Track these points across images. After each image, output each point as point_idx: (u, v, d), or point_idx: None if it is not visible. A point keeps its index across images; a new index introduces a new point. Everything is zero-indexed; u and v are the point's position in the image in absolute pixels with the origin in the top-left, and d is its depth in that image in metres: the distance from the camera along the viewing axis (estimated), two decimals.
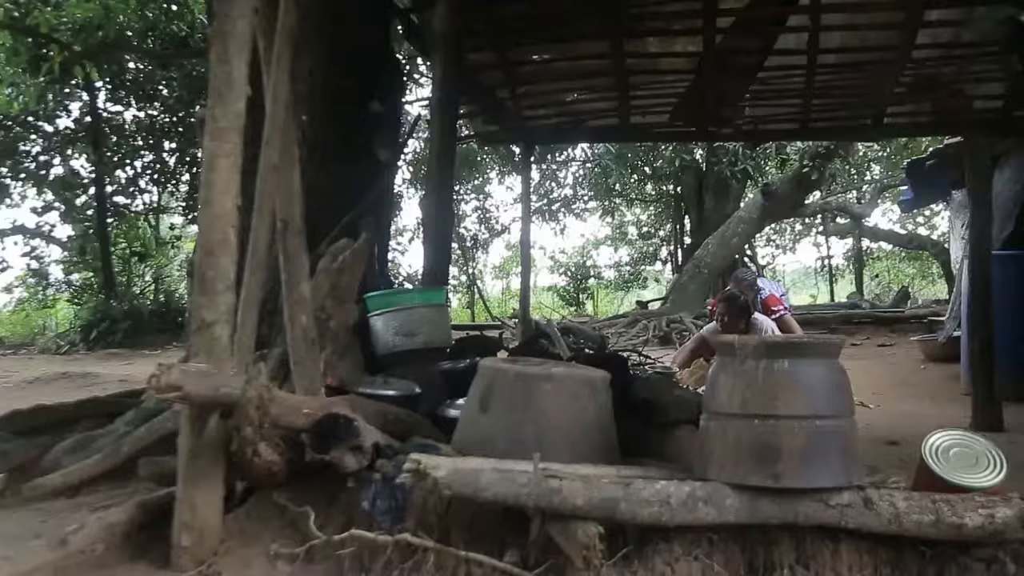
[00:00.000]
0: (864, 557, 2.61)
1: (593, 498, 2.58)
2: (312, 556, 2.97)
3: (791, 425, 2.55)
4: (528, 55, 6.71)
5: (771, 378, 2.59)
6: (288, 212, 3.79)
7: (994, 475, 2.68)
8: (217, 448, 3.07)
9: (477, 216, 21.03)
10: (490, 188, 20.35)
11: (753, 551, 2.65)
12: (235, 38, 3.17)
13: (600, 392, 3.06)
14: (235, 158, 3.16)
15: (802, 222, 23.69)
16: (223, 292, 3.12)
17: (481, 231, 21.30)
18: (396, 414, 3.67)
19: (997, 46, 5.87)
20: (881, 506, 2.56)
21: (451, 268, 22.33)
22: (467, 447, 3.06)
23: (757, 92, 6.88)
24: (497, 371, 3.07)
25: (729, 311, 6.52)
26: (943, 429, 2.85)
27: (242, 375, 2.96)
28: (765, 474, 2.54)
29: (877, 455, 4.88)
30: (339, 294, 4.06)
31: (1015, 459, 3.50)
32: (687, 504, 2.57)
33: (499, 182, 20.28)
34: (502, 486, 2.65)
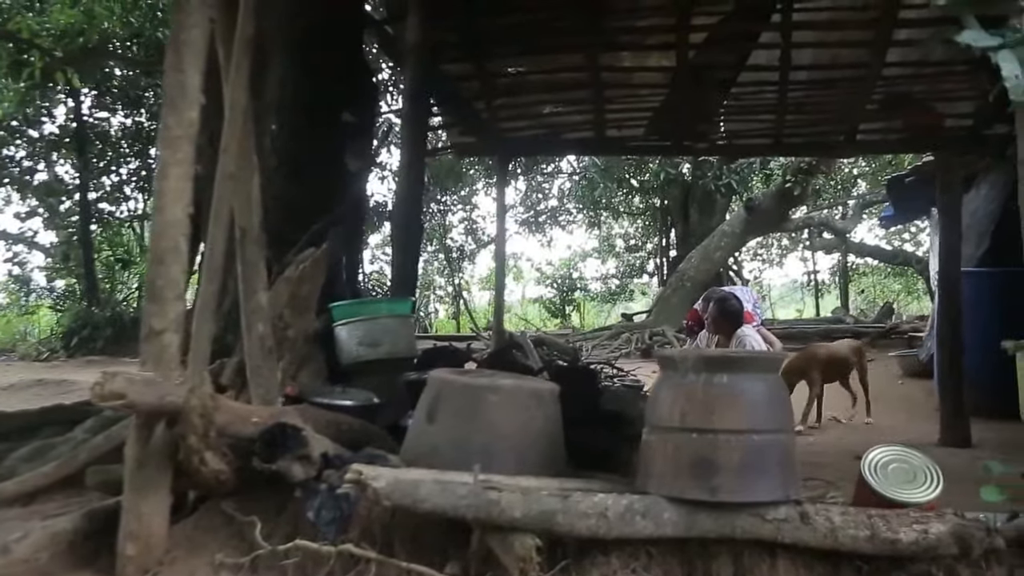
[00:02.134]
0: (801, 572, 2.62)
1: (531, 510, 2.59)
2: (257, 566, 2.96)
3: (728, 439, 2.56)
4: (504, 67, 6.74)
5: (710, 392, 2.60)
6: (246, 220, 3.79)
7: (930, 490, 2.69)
8: (163, 457, 3.05)
9: (464, 227, 21.04)
10: (476, 199, 20.36)
11: (692, 565, 2.65)
12: (190, 47, 3.17)
13: (548, 404, 3.06)
14: (187, 167, 3.16)
15: (788, 237, 23.77)
16: (173, 300, 3.12)
17: (468, 242, 21.31)
18: (350, 424, 3.66)
19: (966, 65, 5.92)
20: (817, 521, 2.57)
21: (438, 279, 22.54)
22: (415, 458, 3.06)
23: (731, 107, 6.92)
24: (445, 382, 3.08)
25: (721, 312, 6.49)
26: (883, 444, 2.86)
27: (188, 383, 2.95)
28: (702, 488, 2.55)
29: (841, 469, 4.89)
30: (298, 303, 4.06)
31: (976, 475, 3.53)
32: (624, 517, 2.57)
33: (485, 193, 20.31)
34: (441, 497, 2.65)
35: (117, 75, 14.19)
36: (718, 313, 6.48)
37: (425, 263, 22.72)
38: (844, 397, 9.08)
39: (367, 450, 3.37)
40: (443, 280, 22.56)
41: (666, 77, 6.63)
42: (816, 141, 7.42)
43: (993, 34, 2.54)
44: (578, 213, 21.31)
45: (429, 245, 22.04)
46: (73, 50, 9.50)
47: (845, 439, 6.76)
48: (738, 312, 6.61)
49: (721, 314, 6.47)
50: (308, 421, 3.46)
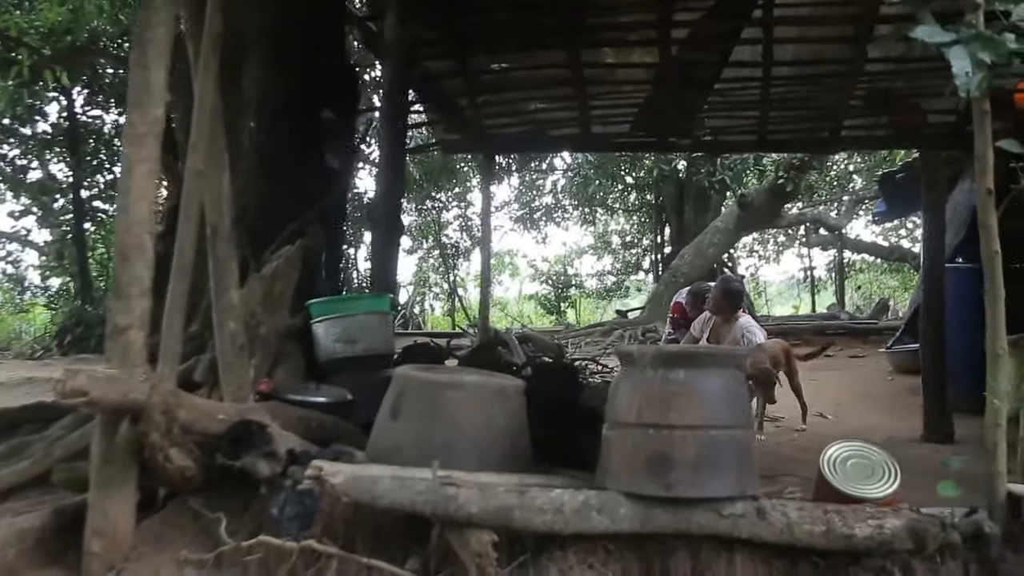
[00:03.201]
0: (759, 567, 2.63)
1: (488, 506, 2.60)
2: (221, 562, 2.97)
3: (684, 435, 2.56)
4: (487, 64, 6.73)
5: (667, 388, 2.61)
6: (217, 218, 3.79)
7: (887, 486, 2.70)
8: (128, 454, 3.06)
9: (459, 224, 21.04)
10: (471, 196, 20.33)
11: (649, 560, 2.66)
12: (155, 44, 3.18)
13: (511, 400, 3.07)
14: (152, 164, 3.17)
15: (785, 233, 23.76)
16: (138, 297, 3.12)
17: (463, 239, 21.31)
18: (320, 421, 3.67)
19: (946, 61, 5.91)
20: (774, 516, 2.58)
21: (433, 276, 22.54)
22: (379, 454, 3.07)
23: (715, 103, 6.91)
24: (408, 379, 3.09)
25: (724, 293, 6.59)
26: (844, 440, 2.86)
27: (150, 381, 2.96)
28: (658, 483, 2.56)
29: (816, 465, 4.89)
30: (271, 301, 4.07)
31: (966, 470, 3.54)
32: (580, 513, 2.58)
33: (480, 190, 20.25)
34: (399, 493, 2.66)
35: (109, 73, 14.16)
36: (720, 294, 6.53)
37: (420, 260, 22.76)
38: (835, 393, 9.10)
39: (335, 446, 3.38)
40: (438, 277, 22.54)
41: (649, 73, 6.63)
42: (801, 137, 7.41)
43: (948, 30, 2.54)
44: (573, 210, 21.29)
45: (424, 242, 22.07)
46: (62, 48, 9.50)
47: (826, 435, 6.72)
48: (740, 294, 6.69)
49: (724, 295, 6.52)
50: (276, 418, 3.47)
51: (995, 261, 2.63)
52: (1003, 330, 2.57)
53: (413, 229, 21.63)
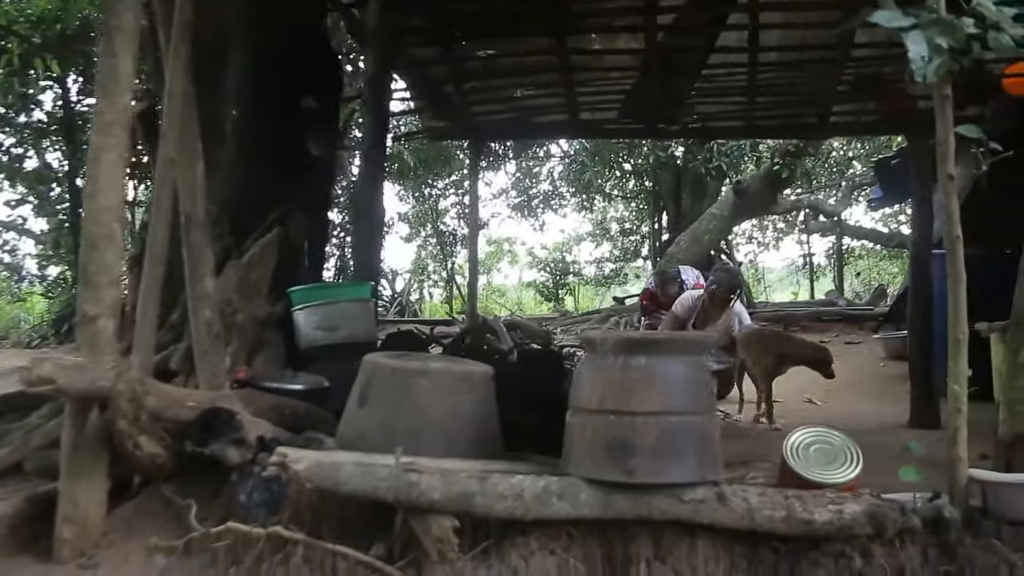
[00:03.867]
0: (720, 552, 2.63)
1: (450, 492, 2.61)
2: (190, 549, 2.98)
3: (645, 421, 2.57)
4: (473, 51, 6.70)
5: (628, 374, 2.61)
6: (190, 207, 3.79)
7: (849, 471, 2.70)
8: (98, 442, 3.08)
9: (456, 211, 21.00)
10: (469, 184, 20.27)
11: (612, 546, 2.67)
12: (122, 32, 3.17)
13: (479, 387, 3.07)
14: (120, 152, 3.17)
15: (784, 220, 23.69)
16: (106, 286, 3.13)
17: (460, 226, 21.27)
18: (294, 408, 3.68)
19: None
20: (735, 502, 2.59)
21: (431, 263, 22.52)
22: (347, 441, 3.09)
23: (703, 89, 6.88)
24: (375, 366, 3.10)
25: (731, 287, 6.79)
26: (808, 426, 2.87)
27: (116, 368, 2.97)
28: (618, 469, 2.57)
29: None
30: (247, 289, 4.07)
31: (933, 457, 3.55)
32: (541, 499, 2.59)
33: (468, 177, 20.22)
34: (362, 480, 2.67)
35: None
36: (729, 285, 6.76)
37: (419, 248, 22.73)
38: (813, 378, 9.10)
39: (307, 433, 3.39)
40: (437, 265, 22.51)
41: (636, 59, 6.60)
42: (789, 123, 7.39)
43: (907, 14, 2.53)
44: (571, 197, 21.24)
45: (422, 230, 22.04)
46: (52, 37, 9.48)
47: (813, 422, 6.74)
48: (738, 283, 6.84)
49: (732, 286, 6.78)
50: (249, 405, 3.49)
51: (956, 246, 2.63)
52: (964, 315, 2.57)
53: (411, 217, 21.63)
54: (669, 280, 7.67)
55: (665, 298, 7.58)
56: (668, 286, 7.66)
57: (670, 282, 7.61)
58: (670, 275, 7.70)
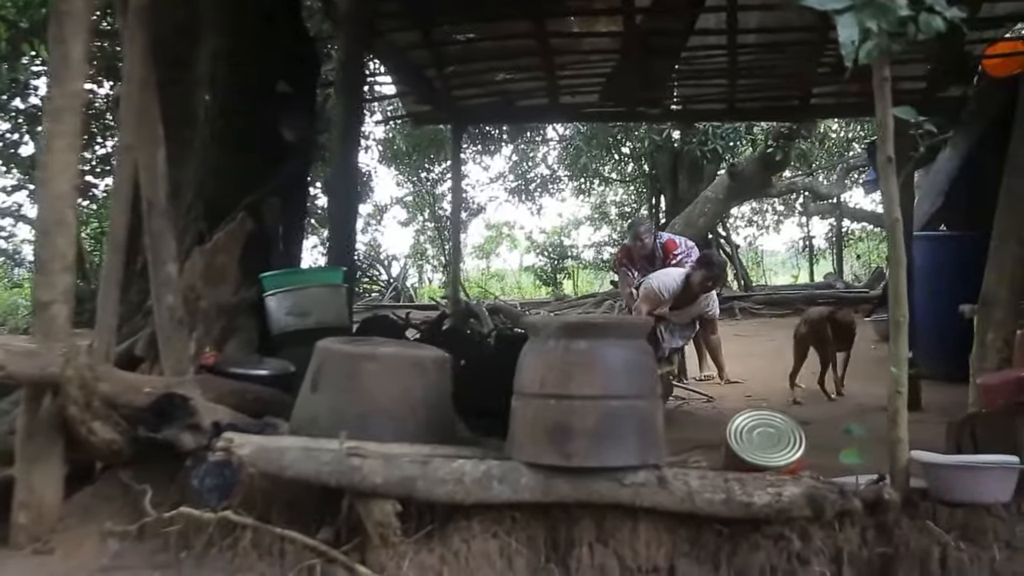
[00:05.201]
0: (663, 535, 2.64)
1: (392, 476, 2.62)
2: (144, 533, 3.01)
3: (584, 405, 2.57)
4: (452, 35, 6.67)
5: (568, 358, 2.61)
6: (152, 193, 3.79)
7: (790, 454, 2.71)
8: (52, 428, 3.10)
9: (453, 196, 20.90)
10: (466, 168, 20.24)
11: (556, 529, 2.68)
12: (72, 18, 3.16)
13: (430, 372, 3.08)
14: (72, 138, 3.18)
15: (783, 203, 23.62)
16: (60, 272, 3.15)
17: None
18: (257, 393, 3.69)
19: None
20: (675, 485, 2.59)
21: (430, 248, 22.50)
22: (300, 425, 3.10)
23: (683, 72, 6.86)
24: (327, 351, 3.10)
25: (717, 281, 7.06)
26: (752, 409, 2.87)
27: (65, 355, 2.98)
28: (558, 453, 2.57)
29: None
30: (212, 275, 4.07)
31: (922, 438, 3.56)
32: (482, 483, 2.60)
33: (474, 162, 20.18)
34: (305, 464, 2.68)
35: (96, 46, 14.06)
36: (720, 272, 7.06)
37: (417, 232, 22.72)
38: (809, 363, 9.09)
39: (266, 419, 3.40)
40: (435, 249, 22.49)
41: (615, 42, 6.56)
42: (770, 106, 7.37)
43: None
44: (568, 181, 21.17)
45: (420, 215, 22.02)
46: (39, 21, 9.42)
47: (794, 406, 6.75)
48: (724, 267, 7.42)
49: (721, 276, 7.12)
50: (208, 391, 3.50)
51: (896, 228, 2.61)
52: (904, 299, 2.57)
53: (408, 202, 21.61)
54: (644, 233, 7.70)
55: (642, 251, 7.61)
56: (643, 239, 7.69)
57: (645, 235, 7.64)
58: (643, 228, 7.75)
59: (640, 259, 7.48)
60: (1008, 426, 2.72)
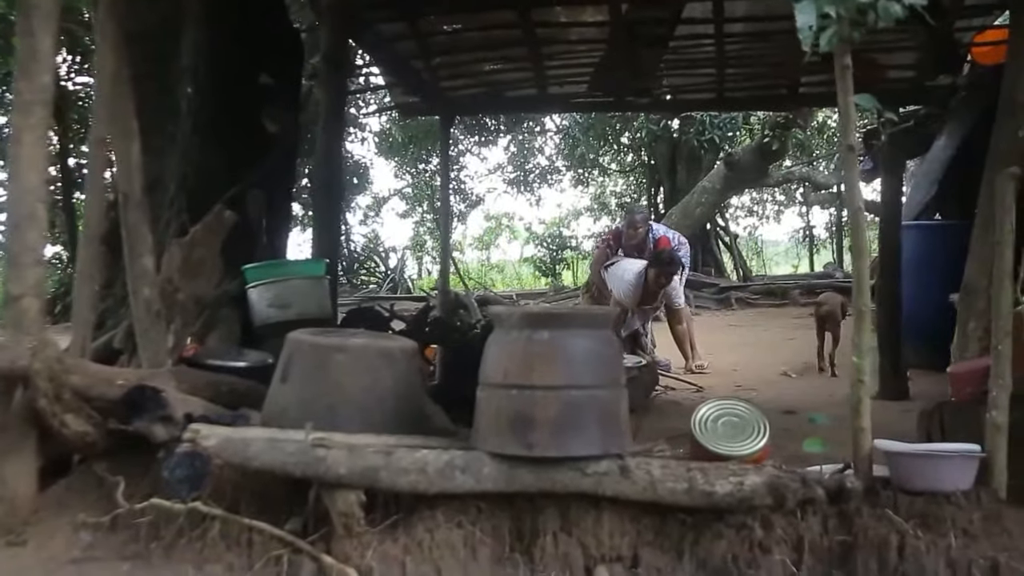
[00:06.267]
0: (627, 524, 2.65)
1: (355, 467, 2.63)
2: (116, 525, 3.02)
3: (546, 395, 2.58)
4: (439, 26, 6.66)
5: (530, 349, 2.62)
6: (127, 185, 3.79)
7: (754, 443, 2.71)
8: (25, 420, 3.10)
9: (452, 188, 20.95)
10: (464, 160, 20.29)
11: (520, 519, 2.69)
12: (40, 10, 3.16)
13: (399, 362, 3.08)
14: (41, 132, 3.19)
15: (783, 192, 23.61)
16: (30, 266, 3.15)
17: (457, 202, 21.25)
18: (232, 385, 3.70)
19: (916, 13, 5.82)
20: (637, 474, 2.60)
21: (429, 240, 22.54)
22: (270, 417, 3.11)
23: (671, 62, 6.84)
24: (296, 342, 3.11)
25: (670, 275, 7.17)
26: (717, 398, 2.88)
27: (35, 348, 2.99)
28: (520, 443, 2.58)
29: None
30: (190, 267, 4.07)
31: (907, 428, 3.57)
32: (444, 473, 2.61)
33: (472, 153, 20.22)
34: (270, 455, 2.70)
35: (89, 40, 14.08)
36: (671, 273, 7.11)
37: (416, 224, 22.76)
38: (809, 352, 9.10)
39: (240, 410, 3.41)
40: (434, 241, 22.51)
41: (602, 32, 6.55)
42: (759, 95, 7.35)
43: None
44: (567, 171, 21.19)
45: (419, 207, 22.05)
46: None
47: (784, 394, 6.76)
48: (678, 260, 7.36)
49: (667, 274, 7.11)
50: (183, 383, 3.51)
51: (859, 217, 2.61)
52: (867, 289, 2.56)
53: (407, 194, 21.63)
54: (639, 223, 7.77)
55: (632, 239, 7.68)
56: (637, 227, 7.75)
57: (640, 224, 7.72)
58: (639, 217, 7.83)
59: (629, 247, 7.53)
60: (975, 414, 2.71)
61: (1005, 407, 2.52)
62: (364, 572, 2.54)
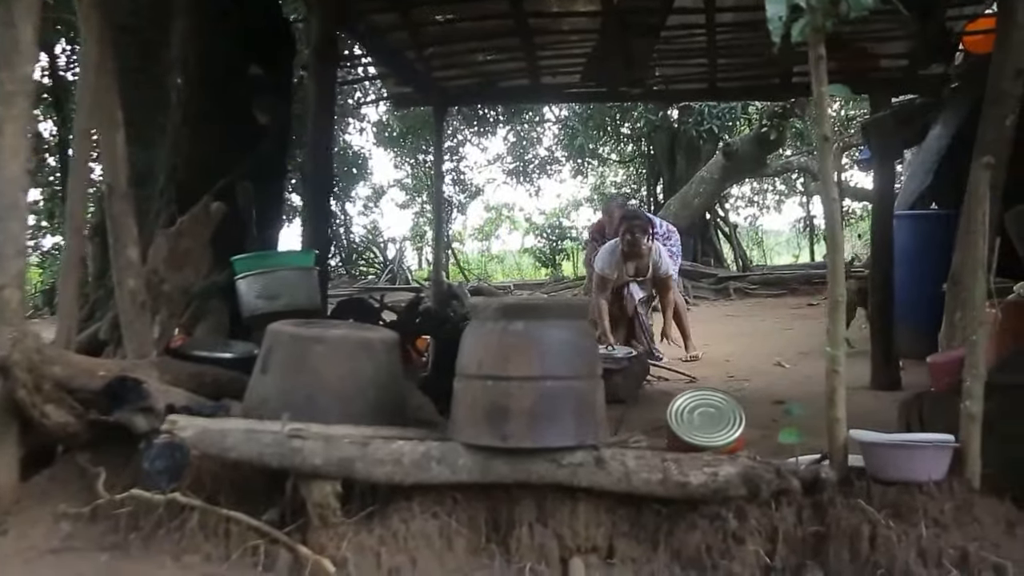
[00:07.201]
0: (602, 515, 2.65)
1: (331, 457, 2.64)
2: (96, 515, 3.03)
3: (521, 386, 2.58)
4: (431, 16, 6.65)
5: (506, 340, 2.62)
6: (112, 176, 3.80)
7: (729, 433, 2.71)
8: (6, 411, 3.12)
9: (451, 178, 20.95)
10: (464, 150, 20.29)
11: (496, 510, 2.70)
12: (21, 1, 3.16)
13: (378, 353, 3.09)
14: (24, 122, 3.18)
15: (783, 182, 23.54)
16: (13, 257, 3.16)
17: (456, 192, 21.24)
18: (216, 376, 3.71)
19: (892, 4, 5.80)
20: (612, 465, 2.60)
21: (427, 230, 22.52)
22: (250, 408, 3.12)
23: (664, 52, 6.82)
24: (276, 333, 3.12)
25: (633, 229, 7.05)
26: (693, 390, 2.88)
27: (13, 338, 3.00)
28: (495, 434, 2.58)
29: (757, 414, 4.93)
30: (176, 258, 4.08)
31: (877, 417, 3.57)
32: (420, 464, 2.62)
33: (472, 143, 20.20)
34: (247, 446, 2.70)
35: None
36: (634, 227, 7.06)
37: (415, 215, 22.74)
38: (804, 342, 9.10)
39: (223, 401, 3.43)
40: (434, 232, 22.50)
41: (595, 22, 6.54)
42: (751, 85, 7.32)
43: None
44: (566, 162, 21.15)
45: (418, 197, 22.04)
46: None
47: (776, 384, 6.77)
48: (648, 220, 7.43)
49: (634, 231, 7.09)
50: (167, 374, 3.53)
51: (834, 207, 2.60)
52: (842, 278, 2.56)
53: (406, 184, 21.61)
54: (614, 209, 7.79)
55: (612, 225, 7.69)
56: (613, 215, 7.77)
57: (615, 210, 7.74)
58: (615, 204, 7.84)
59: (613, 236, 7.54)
60: (953, 404, 2.71)
61: (979, 397, 2.51)
62: (339, 563, 2.55)
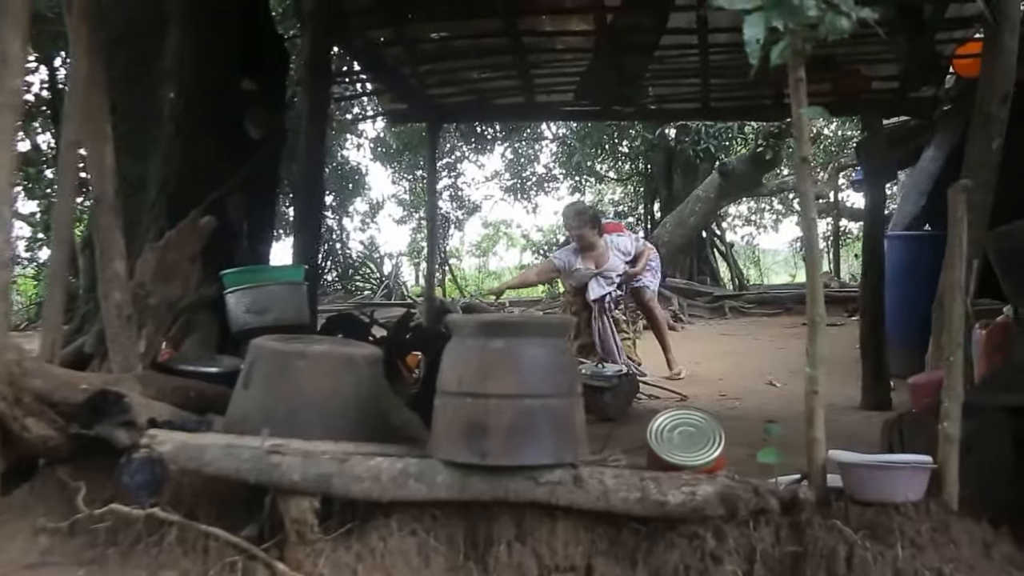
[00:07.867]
0: (581, 534, 2.64)
1: (308, 473, 2.63)
2: (75, 530, 3.02)
3: (499, 403, 2.57)
4: (426, 33, 6.69)
5: (485, 357, 2.62)
6: (100, 189, 3.80)
7: (709, 452, 2.71)
8: None
9: (449, 195, 20.97)
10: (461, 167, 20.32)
11: (474, 528, 2.69)
12: (9, 15, 3.16)
13: (360, 369, 3.09)
14: (10, 135, 3.19)
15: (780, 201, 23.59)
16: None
17: (454, 209, 21.27)
18: (200, 390, 3.70)
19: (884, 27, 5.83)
20: (591, 484, 2.60)
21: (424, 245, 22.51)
22: (232, 423, 3.11)
23: (657, 71, 6.86)
24: (258, 348, 3.11)
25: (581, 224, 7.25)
26: (674, 409, 2.88)
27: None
28: (473, 451, 2.58)
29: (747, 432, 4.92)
30: (163, 271, 4.07)
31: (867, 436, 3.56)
32: (398, 480, 2.61)
33: (469, 160, 20.23)
34: (225, 461, 2.70)
35: None
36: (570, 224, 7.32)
37: (413, 231, 22.75)
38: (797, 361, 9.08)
39: (207, 416, 3.42)
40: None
41: (588, 41, 6.57)
42: (743, 105, 7.37)
43: None
44: (564, 179, 21.19)
45: (416, 213, 22.05)
46: None
47: (768, 403, 6.78)
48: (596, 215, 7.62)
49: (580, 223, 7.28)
50: (150, 388, 3.52)
51: (812, 226, 2.61)
52: (820, 298, 2.56)
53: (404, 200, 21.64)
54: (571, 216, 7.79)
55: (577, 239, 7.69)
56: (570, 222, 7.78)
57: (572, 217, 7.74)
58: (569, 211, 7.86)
59: None
60: (932, 425, 2.71)
61: (957, 418, 2.51)
62: None
